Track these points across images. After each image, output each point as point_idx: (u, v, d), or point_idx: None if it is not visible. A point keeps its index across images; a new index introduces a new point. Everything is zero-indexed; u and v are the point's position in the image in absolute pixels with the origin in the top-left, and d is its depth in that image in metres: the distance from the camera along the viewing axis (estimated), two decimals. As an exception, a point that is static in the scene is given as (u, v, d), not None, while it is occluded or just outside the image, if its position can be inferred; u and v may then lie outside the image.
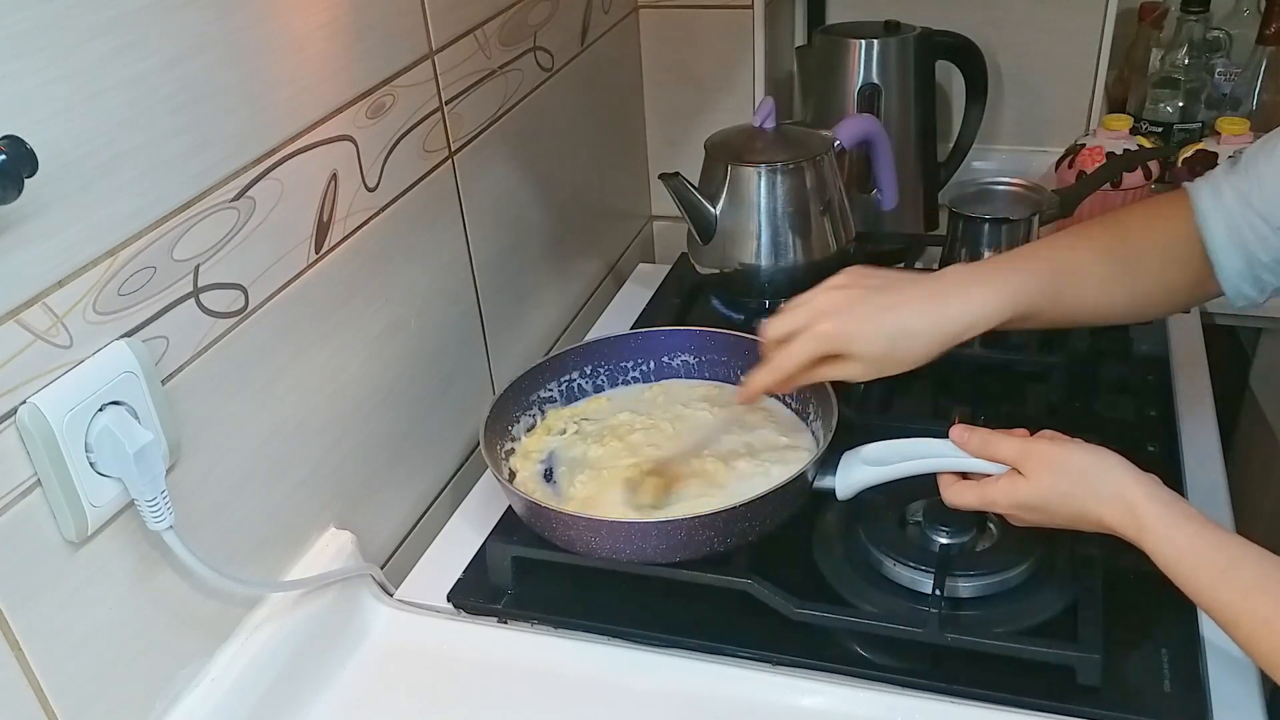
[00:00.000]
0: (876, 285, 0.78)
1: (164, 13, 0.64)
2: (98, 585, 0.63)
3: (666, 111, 1.44)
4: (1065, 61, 1.37)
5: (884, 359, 0.76)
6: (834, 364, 0.77)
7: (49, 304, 0.58)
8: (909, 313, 0.76)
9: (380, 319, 0.89)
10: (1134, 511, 0.69)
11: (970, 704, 0.74)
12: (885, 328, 0.75)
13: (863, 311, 0.76)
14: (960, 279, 0.78)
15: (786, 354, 0.77)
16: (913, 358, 0.76)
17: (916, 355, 0.76)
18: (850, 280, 0.79)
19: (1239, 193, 0.75)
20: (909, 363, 0.76)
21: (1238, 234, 0.75)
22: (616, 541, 0.80)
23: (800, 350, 0.77)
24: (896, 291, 0.77)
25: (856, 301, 0.77)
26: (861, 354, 0.76)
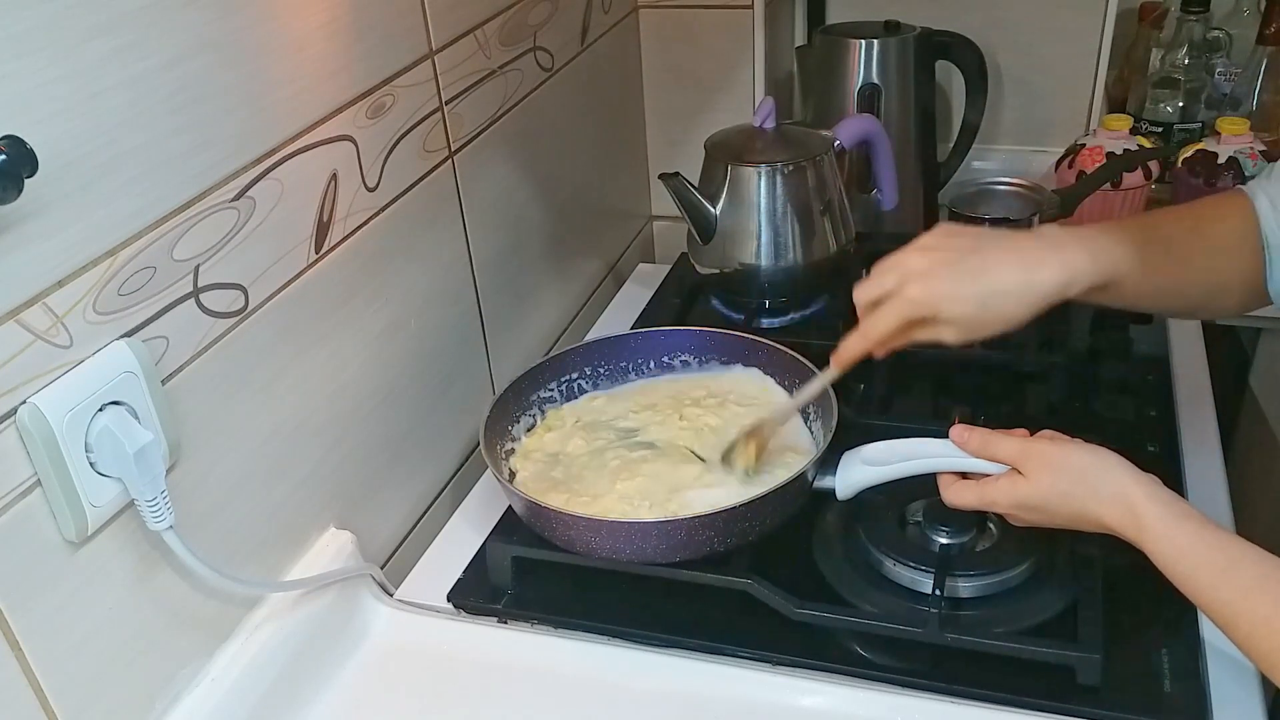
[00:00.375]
0: (967, 246, 0.75)
1: (164, 13, 0.64)
2: (98, 585, 0.63)
3: (666, 111, 1.44)
4: (1065, 61, 1.37)
5: (976, 321, 0.74)
6: (925, 327, 0.75)
7: (49, 304, 0.58)
8: (1001, 273, 0.73)
9: (380, 319, 0.89)
10: (1134, 511, 0.69)
11: (970, 704, 0.74)
12: (977, 290, 0.73)
13: (953, 274, 0.74)
14: (1054, 240, 0.75)
15: (877, 318, 0.76)
16: (1005, 318, 0.74)
17: (1009, 316, 0.74)
18: (940, 241, 0.76)
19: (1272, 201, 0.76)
20: (1002, 324, 0.74)
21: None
22: (616, 541, 0.80)
23: (891, 315, 0.75)
24: (987, 252, 0.74)
25: (946, 264, 0.74)
26: (953, 317, 0.74)
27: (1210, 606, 0.66)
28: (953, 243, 0.76)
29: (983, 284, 0.73)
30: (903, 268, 0.75)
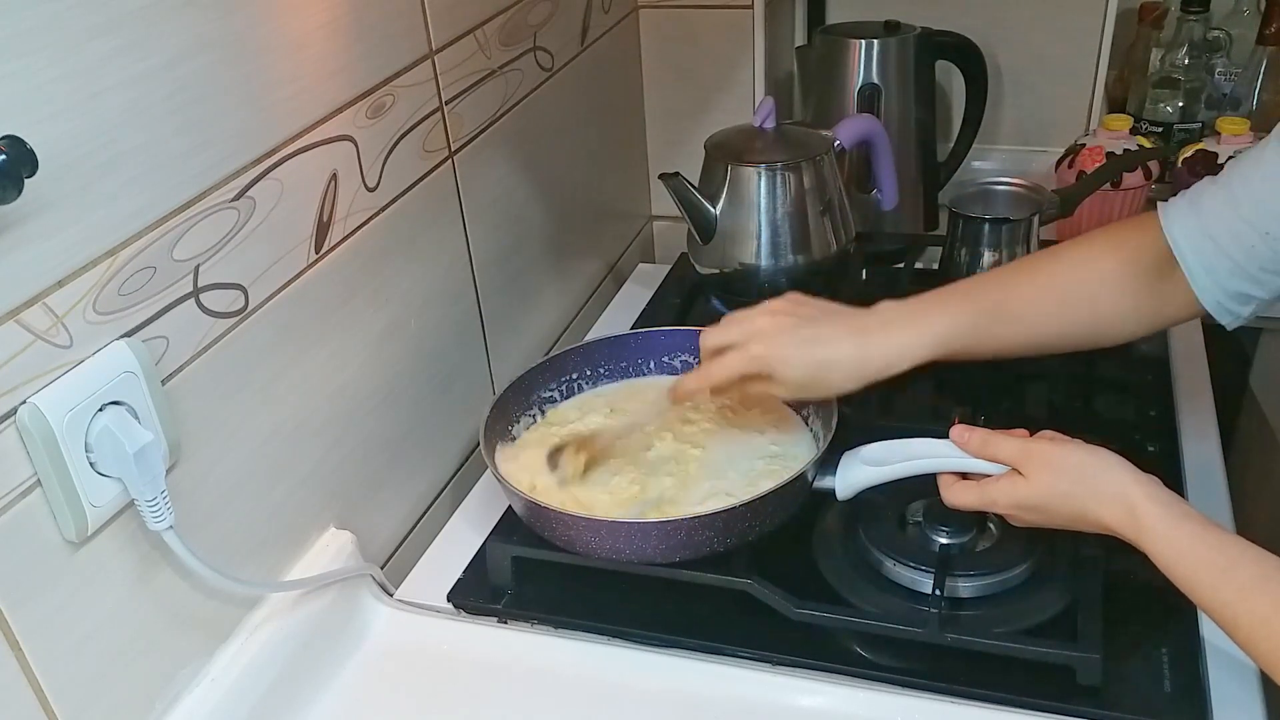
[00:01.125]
0: (810, 315, 0.83)
1: (164, 13, 0.64)
2: (98, 585, 0.64)
3: (666, 111, 1.44)
4: (1065, 61, 1.37)
5: (806, 385, 0.82)
6: (760, 382, 0.82)
7: (49, 304, 0.58)
8: (834, 348, 0.81)
9: (380, 319, 0.89)
10: (1134, 512, 0.69)
11: (970, 704, 0.74)
12: (811, 358, 0.81)
13: (793, 340, 0.81)
14: (886, 319, 0.82)
15: (719, 365, 0.83)
16: (833, 387, 0.82)
17: (836, 386, 0.82)
18: (788, 307, 0.84)
19: (1224, 200, 0.75)
20: (829, 391, 0.83)
21: (1219, 245, 0.75)
22: (617, 541, 0.80)
23: (732, 365, 0.82)
24: (827, 324, 0.82)
25: (789, 329, 0.81)
26: (786, 378, 0.81)
27: (1211, 607, 0.66)
28: (800, 311, 0.83)
29: (818, 354, 0.81)
30: (750, 325, 0.83)
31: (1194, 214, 0.77)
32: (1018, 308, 0.82)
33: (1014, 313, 0.82)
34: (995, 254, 1.09)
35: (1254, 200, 0.73)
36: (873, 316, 0.83)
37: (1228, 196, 0.75)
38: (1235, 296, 0.77)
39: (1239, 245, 0.74)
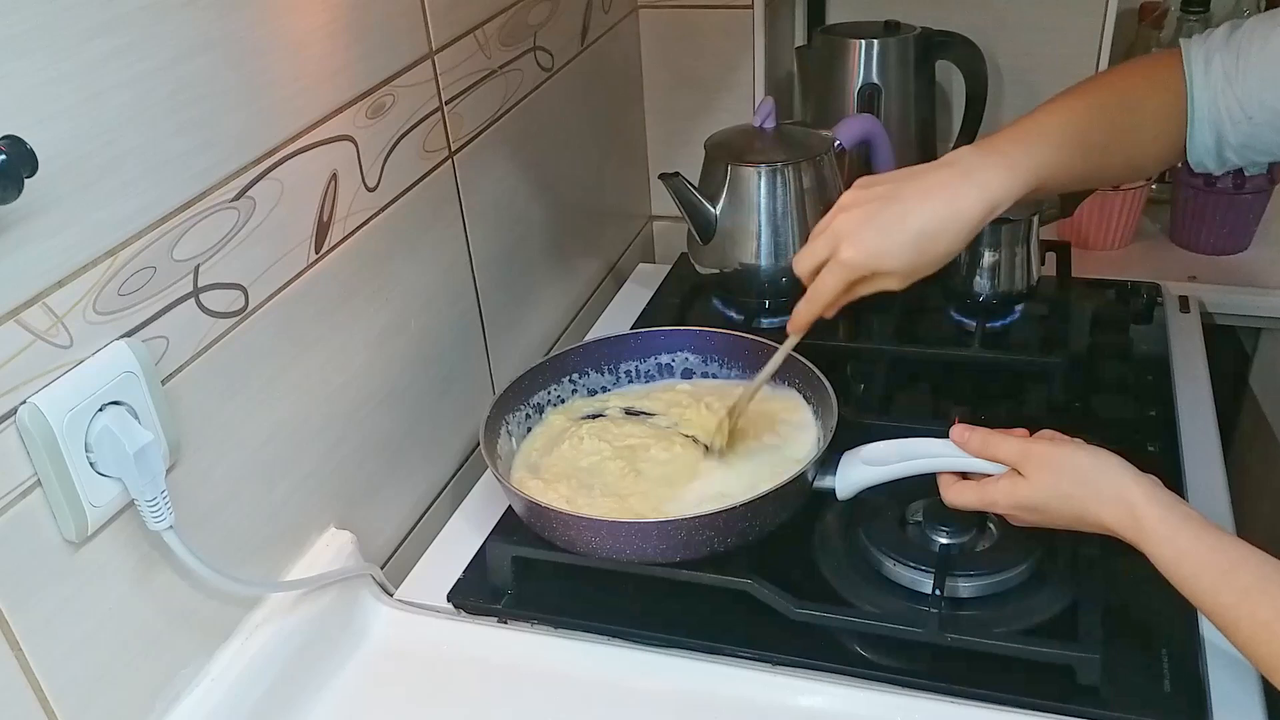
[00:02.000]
0: (885, 195, 0.77)
1: (164, 13, 0.64)
2: (98, 585, 0.63)
3: (666, 111, 1.44)
4: (1065, 61, 1.37)
5: (914, 266, 0.77)
6: (867, 282, 0.78)
7: (49, 304, 0.58)
8: (925, 215, 0.75)
9: (380, 319, 0.89)
10: (1134, 513, 0.69)
11: (970, 704, 0.74)
12: (906, 238, 0.75)
13: (878, 228, 0.76)
14: (968, 166, 0.77)
15: (820, 284, 0.78)
16: (940, 255, 0.77)
17: (943, 252, 0.76)
18: (858, 196, 0.78)
19: (1225, 72, 0.75)
20: (938, 261, 0.77)
21: (1215, 110, 0.76)
22: (617, 541, 0.80)
23: (831, 281, 0.78)
24: (906, 198, 0.76)
25: (869, 219, 0.76)
26: (891, 268, 0.76)
27: (1211, 609, 0.66)
28: (871, 194, 0.77)
29: (910, 231, 0.75)
30: (831, 231, 0.78)
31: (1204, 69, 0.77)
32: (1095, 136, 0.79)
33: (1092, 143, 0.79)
34: (995, 254, 1.09)
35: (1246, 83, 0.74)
36: (952, 169, 0.77)
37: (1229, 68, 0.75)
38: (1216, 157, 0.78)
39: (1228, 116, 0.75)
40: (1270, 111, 0.73)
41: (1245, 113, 0.74)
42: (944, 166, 0.78)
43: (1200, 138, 0.77)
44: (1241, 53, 0.75)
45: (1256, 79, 0.73)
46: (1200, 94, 0.77)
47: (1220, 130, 0.76)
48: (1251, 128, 0.74)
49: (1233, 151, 0.76)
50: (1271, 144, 0.75)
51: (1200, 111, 0.77)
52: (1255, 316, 1.25)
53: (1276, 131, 0.73)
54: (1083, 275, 1.20)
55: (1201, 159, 0.78)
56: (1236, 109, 0.74)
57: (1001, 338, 1.13)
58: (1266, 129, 0.73)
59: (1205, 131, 0.76)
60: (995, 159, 0.76)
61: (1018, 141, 0.77)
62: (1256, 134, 0.74)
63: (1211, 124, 0.76)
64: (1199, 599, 0.67)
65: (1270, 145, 0.75)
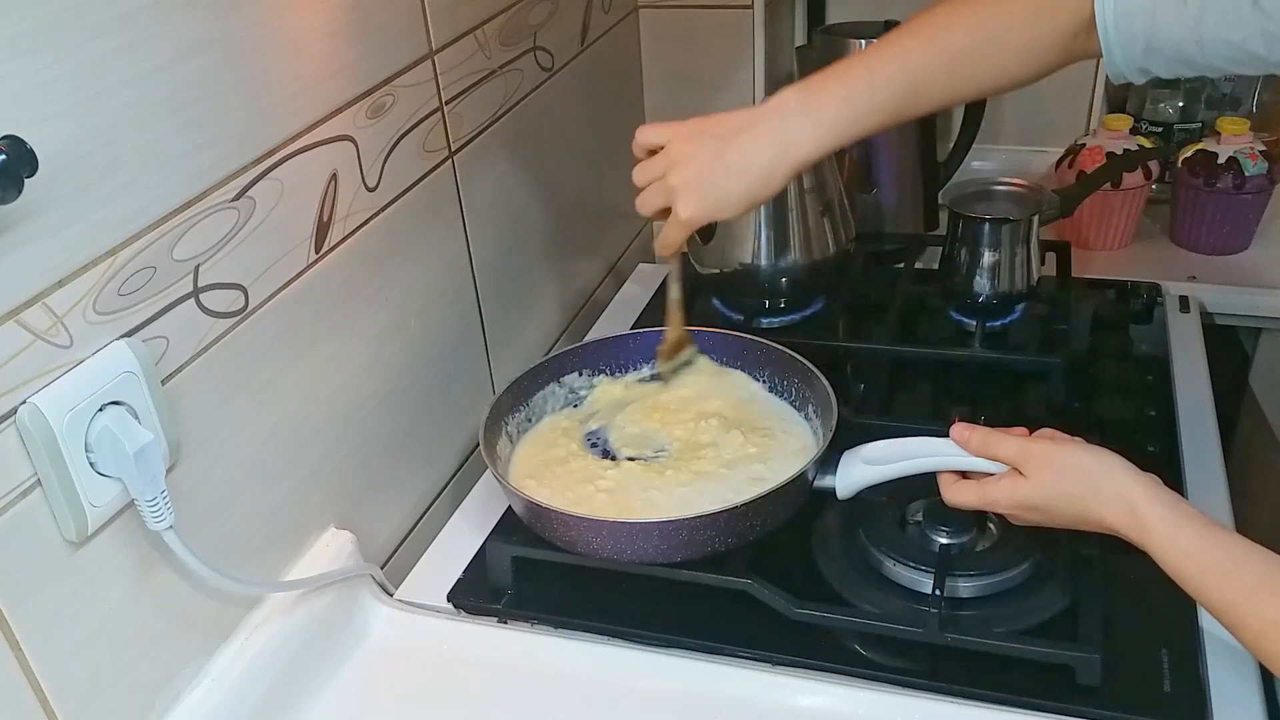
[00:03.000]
0: (714, 153, 0.81)
1: (164, 13, 0.64)
2: (98, 585, 0.63)
3: (666, 111, 1.43)
4: (1065, 61, 1.37)
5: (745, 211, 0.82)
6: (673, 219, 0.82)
7: (49, 304, 0.58)
8: (753, 173, 0.80)
9: (380, 319, 0.89)
10: (1135, 512, 0.69)
11: (970, 704, 0.74)
12: (737, 193, 0.80)
13: (712, 185, 0.80)
14: (787, 116, 0.79)
15: (667, 240, 0.84)
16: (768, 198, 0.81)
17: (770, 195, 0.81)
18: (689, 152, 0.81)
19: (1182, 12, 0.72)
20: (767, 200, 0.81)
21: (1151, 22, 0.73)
22: (618, 542, 0.80)
23: (676, 234, 0.83)
24: (733, 155, 0.80)
25: (704, 177, 0.80)
26: (726, 218, 0.82)
27: (1217, 607, 0.66)
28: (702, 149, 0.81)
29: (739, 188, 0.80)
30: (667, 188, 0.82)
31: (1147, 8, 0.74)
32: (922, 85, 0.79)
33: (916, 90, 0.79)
34: (995, 254, 1.09)
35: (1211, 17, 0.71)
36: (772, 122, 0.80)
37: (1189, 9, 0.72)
38: (1139, 71, 0.76)
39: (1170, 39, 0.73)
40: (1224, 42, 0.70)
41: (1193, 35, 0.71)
42: (767, 117, 0.80)
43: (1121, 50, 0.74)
44: None
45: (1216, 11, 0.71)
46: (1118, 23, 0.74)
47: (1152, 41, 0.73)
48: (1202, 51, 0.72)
49: (1160, 65, 0.74)
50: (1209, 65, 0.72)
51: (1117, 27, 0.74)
52: (1255, 316, 1.25)
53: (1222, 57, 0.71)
54: (1083, 275, 1.20)
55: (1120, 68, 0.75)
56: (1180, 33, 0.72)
57: (1001, 338, 1.13)
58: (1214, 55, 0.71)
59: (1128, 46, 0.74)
60: (810, 115, 0.79)
61: (836, 92, 0.79)
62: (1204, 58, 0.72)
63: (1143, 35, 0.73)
64: (1203, 597, 0.67)
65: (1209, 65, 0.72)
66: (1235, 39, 0.70)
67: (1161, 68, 0.75)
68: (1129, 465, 0.71)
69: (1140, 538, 0.69)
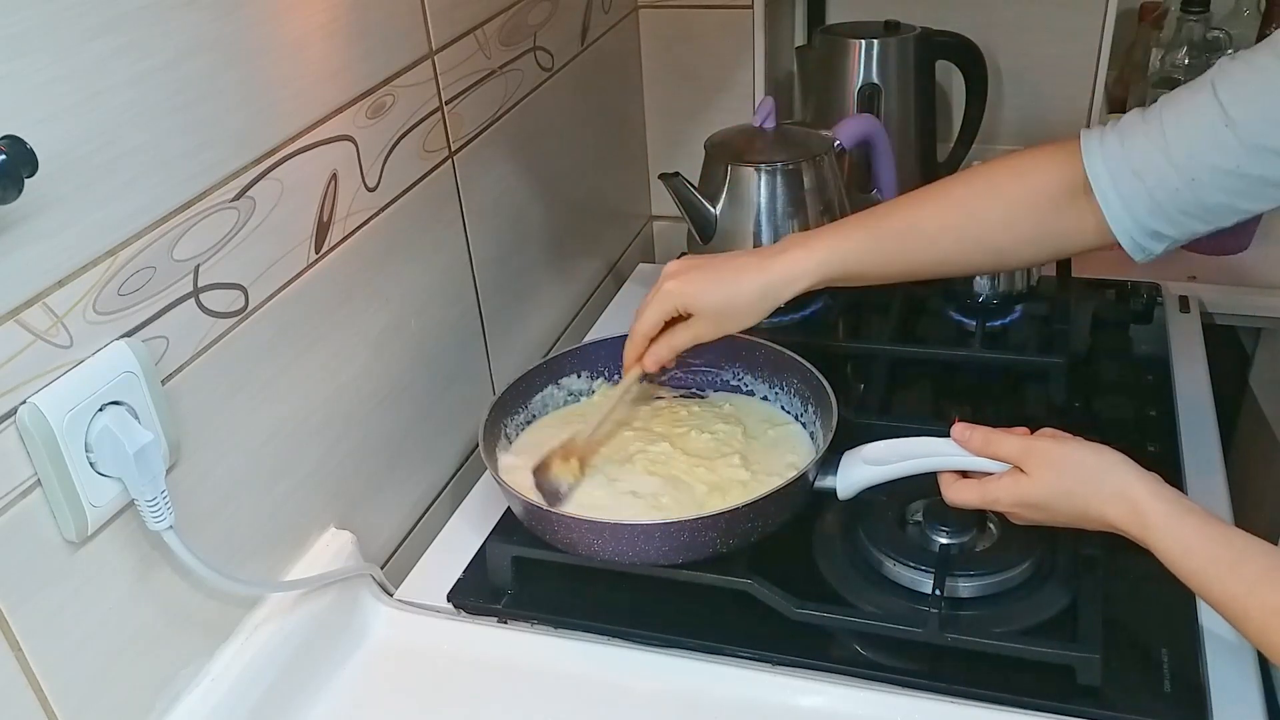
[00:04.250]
0: (708, 259, 0.87)
1: (164, 13, 0.64)
2: (98, 585, 0.63)
3: (666, 111, 1.44)
4: (1065, 61, 1.37)
5: (723, 312, 0.85)
6: (683, 326, 0.86)
7: (49, 304, 0.58)
8: (738, 272, 0.84)
9: (380, 319, 0.89)
10: (1137, 509, 0.69)
11: (970, 704, 0.74)
12: (721, 284, 0.84)
13: (701, 274, 0.85)
14: (785, 244, 0.85)
15: (641, 319, 0.86)
16: (746, 310, 0.84)
17: (746, 311, 0.84)
18: (688, 259, 0.87)
19: (1154, 142, 0.73)
20: (744, 315, 0.85)
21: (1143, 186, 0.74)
22: (619, 544, 0.80)
23: (651, 312, 0.85)
24: (723, 263, 0.86)
25: (696, 268, 0.86)
26: (703, 307, 0.84)
27: (1219, 601, 0.66)
28: (698, 258, 0.87)
29: (722, 282, 0.84)
30: (662, 275, 0.86)
31: (1120, 149, 0.75)
32: (923, 229, 0.83)
33: (918, 234, 0.83)
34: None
35: (1185, 145, 0.72)
36: (773, 245, 0.86)
37: (1158, 138, 0.73)
38: (1150, 234, 0.76)
39: (1163, 186, 0.73)
40: (1206, 168, 0.71)
41: (1186, 175, 0.72)
42: (770, 245, 0.87)
43: (1128, 215, 0.75)
44: (1167, 121, 0.73)
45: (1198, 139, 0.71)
46: (1112, 174, 0.75)
47: (1156, 201, 0.74)
48: (1194, 191, 0.72)
49: (1168, 224, 0.75)
50: (1215, 204, 0.73)
51: (1116, 191, 0.75)
52: (1255, 316, 1.25)
53: (1222, 190, 0.72)
54: (1083, 275, 1.20)
55: (1132, 236, 0.76)
56: (1173, 175, 0.72)
57: (1001, 338, 1.13)
58: (1210, 188, 0.72)
59: (1135, 209, 0.75)
60: (806, 243, 0.84)
61: (832, 231, 0.85)
62: (1200, 197, 0.72)
63: (1146, 195, 0.74)
64: (1205, 591, 0.67)
65: (1214, 206, 0.73)
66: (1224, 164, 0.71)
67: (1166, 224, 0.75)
68: (1130, 462, 0.71)
69: (1142, 534, 0.69)
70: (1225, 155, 0.71)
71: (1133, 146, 0.75)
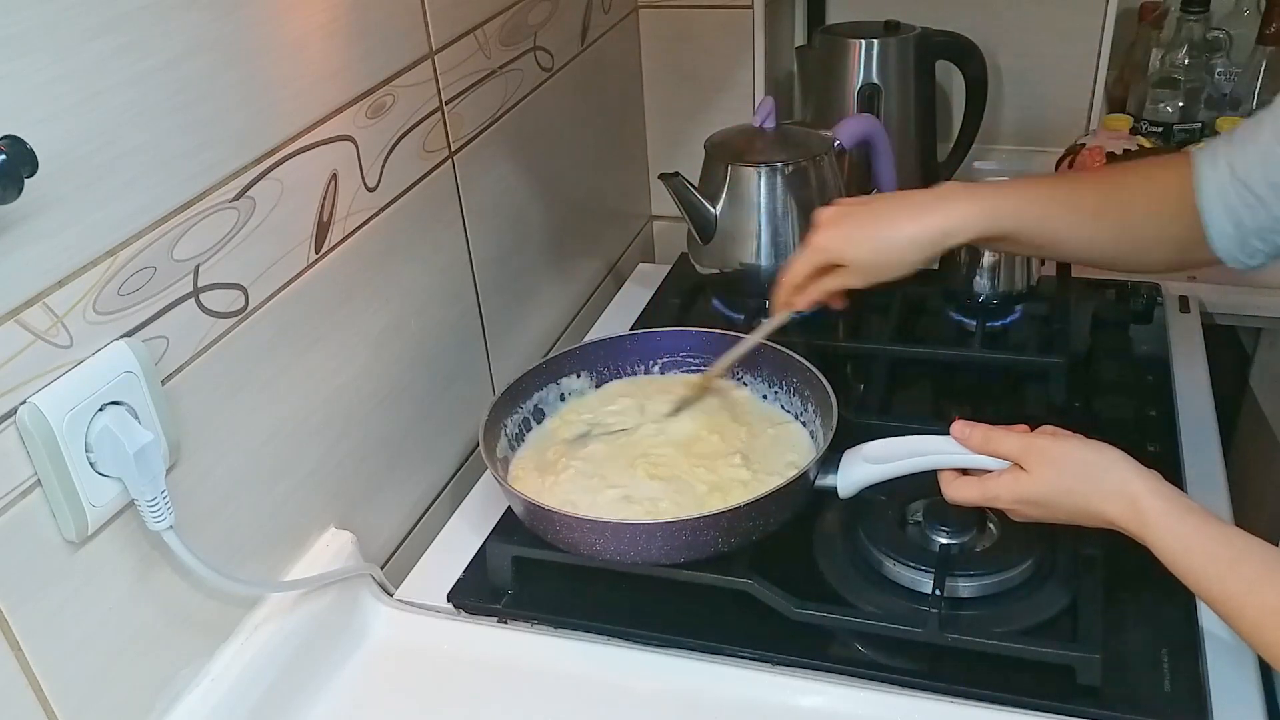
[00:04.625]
0: (863, 202, 0.86)
1: (164, 13, 0.64)
2: (98, 585, 0.63)
3: (666, 111, 1.44)
4: (1065, 61, 1.37)
5: (873, 263, 0.83)
6: (833, 274, 0.85)
7: (49, 304, 0.58)
8: (893, 222, 0.83)
9: (380, 319, 0.89)
10: (1136, 506, 0.69)
11: (970, 704, 0.74)
12: (872, 235, 0.83)
13: (850, 221, 0.84)
14: (945, 193, 0.83)
15: (790, 272, 0.87)
16: (897, 261, 0.82)
17: (900, 259, 0.82)
18: (840, 203, 0.86)
19: (1229, 162, 0.75)
20: (897, 266, 0.83)
21: (1227, 200, 0.75)
22: (620, 543, 0.80)
23: (803, 262, 0.85)
24: (880, 206, 0.85)
25: (849, 215, 0.85)
26: (853, 260, 0.83)
27: (1216, 599, 0.66)
28: (852, 201, 0.86)
29: (875, 230, 0.83)
30: (813, 225, 0.86)
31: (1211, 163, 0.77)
32: (1081, 205, 0.82)
33: (1076, 210, 0.82)
34: (995, 254, 1.09)
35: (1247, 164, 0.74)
36: (932, 193, 0.83)
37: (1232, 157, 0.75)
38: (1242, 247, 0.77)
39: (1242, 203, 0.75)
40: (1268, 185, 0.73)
41: (1255, 194, 0.74)
42: (927, 191, 0.84)
43: (1218, 226, 0.77)
44: (1238, 142, 0.75)
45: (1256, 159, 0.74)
46: (1208, 186, 0.76)
47: (1238, 219, 0.76)
48: (1265, 210, 0.74)
49: (1257, 238, 0.76)
50: None
51: (1209, 203, 0.77)
52: (1255, 316, 1.25)
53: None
54: (1082, 275, 1.20)
55: (1229, 250, 0.78)
56: (1247, 194, 0.74)
57: (1001, 338, 1.13)
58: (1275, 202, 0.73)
59: (1222, 223, 0.76)
60: (969, 193, 0.82)
61: (999, 185, 0.84)
62: (1273, 214, 0.74)
63: (1227, 214, 0.76)
64: (1203, 589, 0.67)
65: None
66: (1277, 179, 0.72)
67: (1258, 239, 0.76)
68: (1130, 460, 0.71)
69: (1141, 531, 0.69)
70: None
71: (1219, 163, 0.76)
